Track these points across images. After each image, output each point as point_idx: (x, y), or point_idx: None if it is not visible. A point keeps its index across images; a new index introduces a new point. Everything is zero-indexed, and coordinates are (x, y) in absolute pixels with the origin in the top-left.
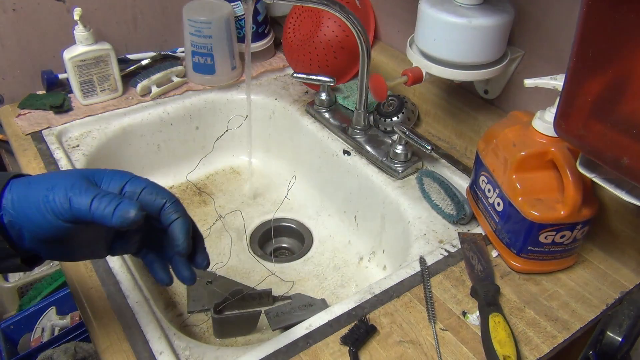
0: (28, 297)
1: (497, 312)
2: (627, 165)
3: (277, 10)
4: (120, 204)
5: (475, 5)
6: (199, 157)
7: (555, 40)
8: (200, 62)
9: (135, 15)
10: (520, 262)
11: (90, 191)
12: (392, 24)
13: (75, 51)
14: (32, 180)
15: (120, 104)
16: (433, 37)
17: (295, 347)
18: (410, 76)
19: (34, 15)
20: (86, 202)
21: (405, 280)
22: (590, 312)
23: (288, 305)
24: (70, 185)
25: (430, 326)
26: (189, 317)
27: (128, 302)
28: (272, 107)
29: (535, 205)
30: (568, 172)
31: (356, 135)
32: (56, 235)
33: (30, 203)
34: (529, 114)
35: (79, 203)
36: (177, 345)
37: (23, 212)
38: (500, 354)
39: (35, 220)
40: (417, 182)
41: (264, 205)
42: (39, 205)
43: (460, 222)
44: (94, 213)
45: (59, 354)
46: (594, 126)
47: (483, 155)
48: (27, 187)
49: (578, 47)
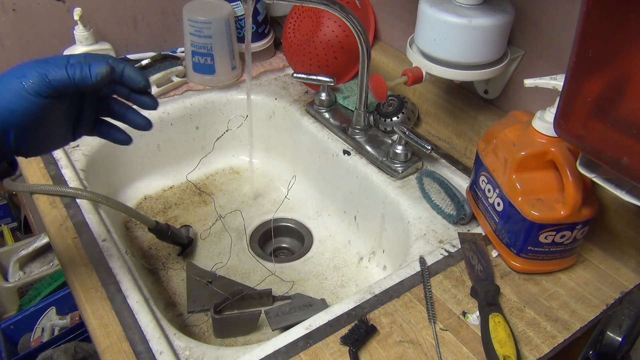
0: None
1: (497, 312)
2: (627, 165)
3: (277, 10)
4: (92, 64)
5: (475, 5)
6: (199, 157)
7: (555, 40)
8: (200, 62)
9: (135, 15)
10: (520, 262)
11: (60, 63)
12: (392, 24)
13: (75, 51)
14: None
15: None
16: (433, 37)
17: (295, 347)
18: (410, 76)
19: (34, 15)
20: (62, 72)
21: (405, 280)
22: (590, 312)
23: (288, 305)
24: (37, 66)
25: (430, 326)
26: (189, 317)
27: (128, 301)
28: (272, 107)
29: (535, 205)
30: (568, 172)
31: (356, 135)
32: (35, 115)
33: (7, 92)
34: (529, 114)
35: (56, 74)
36: (177, 345)
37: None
38: (500, 354)
39: (15, 107)
40: (417, 182)
41: (264, 205)
42: (18, 92)
43: (460, 222)
44: (75, 77)
45: (59, 354)
46: (594, 126)
47: (483, 155)
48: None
49: (578, 47)
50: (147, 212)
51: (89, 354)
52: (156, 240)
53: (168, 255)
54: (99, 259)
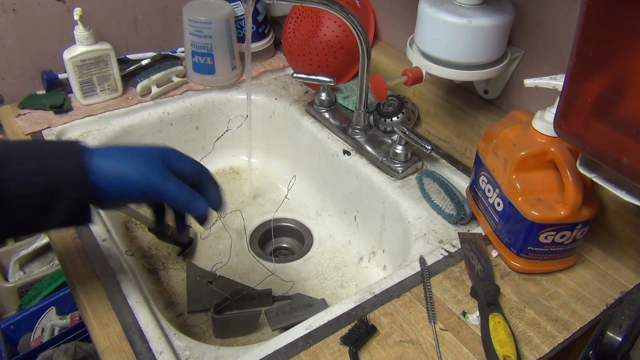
0: (28, 297)
1: (497, 312)
2: (627, 165)
3: (277, 10)
4: (196, 200)
5: (475, 5)
6: (199, 157)
7: (555, 40)
8: (200, 62)
9: (135, 15)
10: (520, 262)
11: (174, 183)
12: (392, 24)
13: (75, 51)
14: (119, 157)
15: (120, 104)
16: (433, 37)
17: (295, 347)
18: (410, 76)
19: (34, 15)
20: (173, 191)
21: (405, 280)
22: (590, 312)
23: (288, 305)
24: (157, 172)
25: (430, 326)
26: (189, 317)
27: (128, 301)
28: (272, 107)
29: (535, 205)
30: (568, 172)
31: (356, 135)
32: (131, 202)
33: (122, 181)
34: (529, 114)
35: (167, 191)
36: (177, 345)
37: (113, 186)
38: (500, 354)
39: (122, 193)
40: (417, 182)
41: (264, 205)
42: (132, 185)
43: (460, 222)
44: (178, 202)
45: (59, 354)
46: (594, 126)
47: (483, 155)
48: (117, 163)
49: (578, 47)
50: (147, 212)
51: (89, 354)
52: (156, 240)
53: (168, 255)
54: (99, 259)
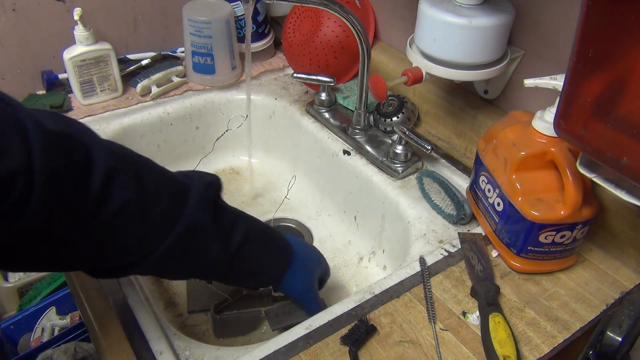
0: (28, 297)
1: (497, 312)
2: (627, 165)
3: (277, 10)
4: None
5: (475, 5)
6: (199, 157)
7: (555, 40)
8: (200, 62)
9: (135, 15)
10: (520, 262)
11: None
12: (392, 24)
13: (75, 51)
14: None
15: (120, 104)
16: (433, 37)
17: (295, 347)
18: (410, 76)
19: (34, 15)
20: (312, 307)
21: (405, 280)
22: (590, 312)
23: (288, 305)
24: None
25: (430, 326)
26: (189, 317)
27: (128, 302)
28: (272, 107)
29: (535, 205)
30: (568, 172)
31: (356, 135)
32: None
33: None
34: (529, 114)
35: (309, 306)
36: (177, 345)
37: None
38: (500, 354)
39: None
40: (417, 182)
41: (264, 205)
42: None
43: (460, 222)
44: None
45: (59, 354)
46: (594, 126)
47: (483, 155)
48: (293, 274)
49: (578, 47)
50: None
51: (89, 354)
52: None
53: None
54: None
